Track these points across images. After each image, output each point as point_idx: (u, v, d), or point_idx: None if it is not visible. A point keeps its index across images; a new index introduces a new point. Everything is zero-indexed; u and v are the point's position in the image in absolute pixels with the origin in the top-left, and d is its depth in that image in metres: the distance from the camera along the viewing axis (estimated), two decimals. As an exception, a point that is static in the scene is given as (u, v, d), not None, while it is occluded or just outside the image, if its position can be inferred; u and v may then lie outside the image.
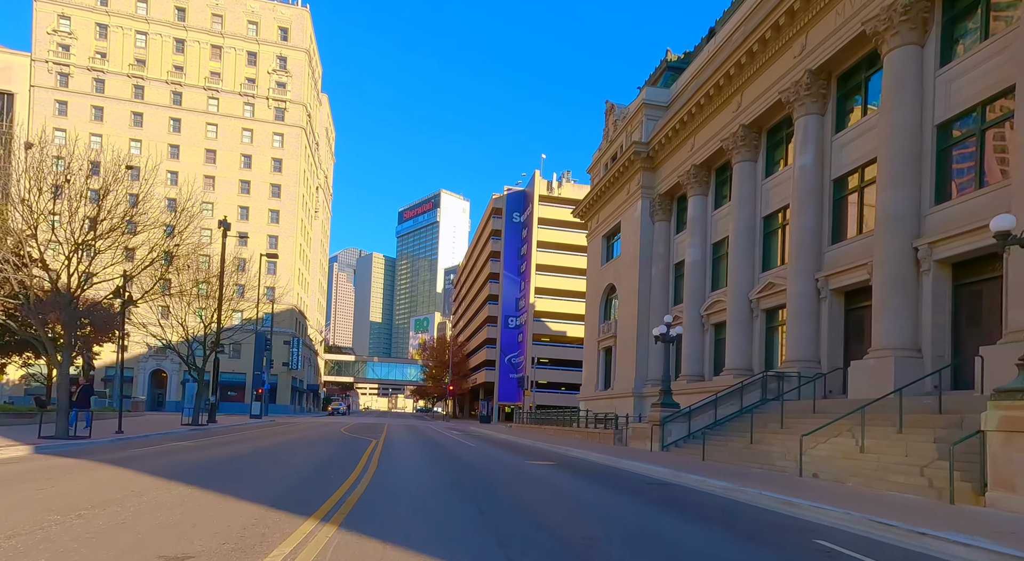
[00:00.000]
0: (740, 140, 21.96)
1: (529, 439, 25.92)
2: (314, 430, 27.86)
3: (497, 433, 33.33)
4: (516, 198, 74.35)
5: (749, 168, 22.09)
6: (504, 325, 73.46)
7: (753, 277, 21.90)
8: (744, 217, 22.03)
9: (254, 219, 66.36)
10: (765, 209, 21.59)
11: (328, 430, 27.92)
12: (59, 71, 62.86)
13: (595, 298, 38.48)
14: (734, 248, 22.41)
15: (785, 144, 21.01)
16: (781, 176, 20.74)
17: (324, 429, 29.03)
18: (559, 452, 18.54)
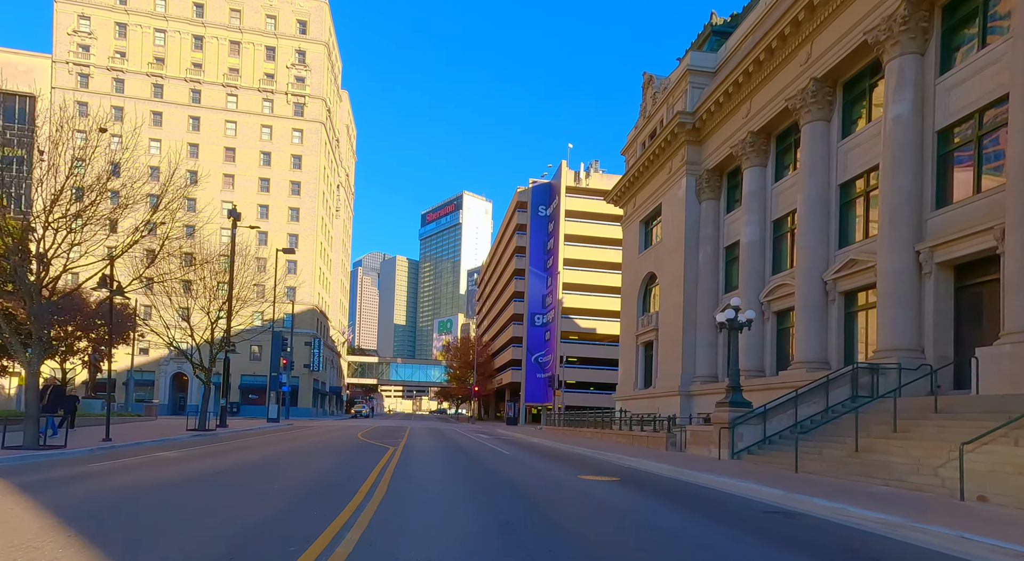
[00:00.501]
0: (811, 97, 18.94)
1: (567, 443, 23.17)
2: (328, 435, 25.52)
3: (528, 436, 30.66)
4: (542, 191, 71.62)
5: (821, 129, 19.04)
6: (530, 323, 70.74)
7: (827, 255, 18.85)
8: (815, 185, 18.99)
9: (274, 217, 64.84)
10: (842, 175, 18.53)
11: (344, 435, 25.55)
12: (79, 72, 62.15)
13: (632, 289, 35.56)
14: (803, 223, 19.37)
15: (868, 96, 17.94)
16: (864, 134, 17.68)
17: (340, 434, 26.67)
18: (611, 461, 15.75)
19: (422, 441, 22.25)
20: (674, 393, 27.92)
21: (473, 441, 24.49)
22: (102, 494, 7.80)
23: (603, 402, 67.09)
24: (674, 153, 28.41)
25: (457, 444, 21.53)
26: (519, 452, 18.51)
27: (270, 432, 27.75)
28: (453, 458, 14.89)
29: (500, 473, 11.59)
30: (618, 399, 36.95)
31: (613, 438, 26.09)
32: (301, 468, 11.67)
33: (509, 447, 21.15)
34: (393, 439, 22.80)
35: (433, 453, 16.19)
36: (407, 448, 17.37)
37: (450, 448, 18.81)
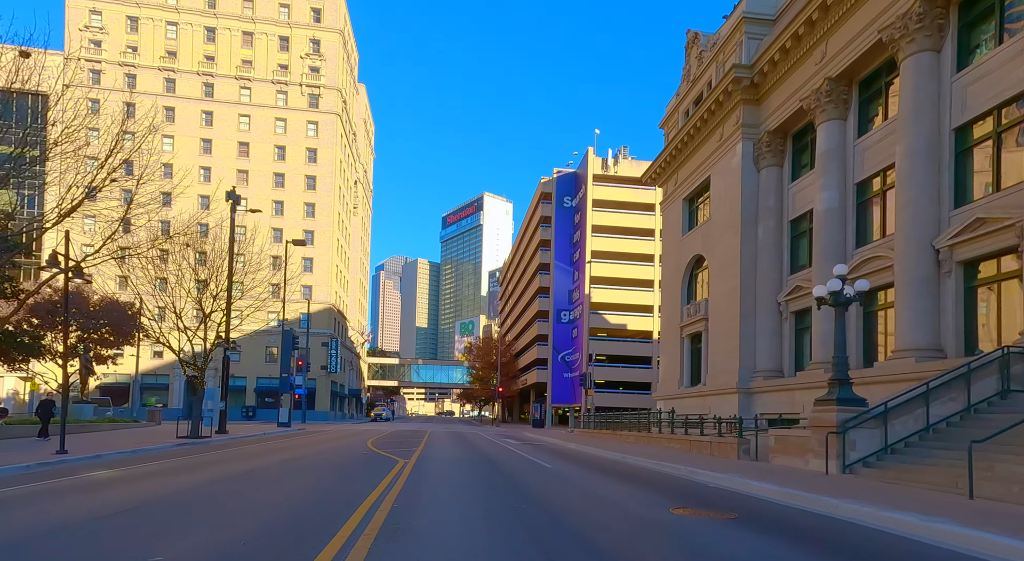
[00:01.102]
0: (914, 23, 15.33)
1: (613, 450, 19.76)
2: (335, 442, 22.51)
3: (562, 441, 27.31)
4: (567, 181, 68.19)
5: (929, 62, 15.41)
6: (556, 320, 67.33)
7: (939, 217, 15.21)
8: (922, 132, 15.36)
9: (289, 214, 62.51)
10: (958, 117, 14.88)
11: (353, 442, 22.50)
12: (91, 68, 60.53)
13: (674, 276, 32.02)
14: (905, 179, 15.73)
15: (997, 13, 14.29)
16: (990, 63, 14.05)
17: (349, 440, 23.63)
18: (686, 478, 12.30)
19: (441, 449, 19.04)
20: (730, 390, 24.34)
21: (501, 448, 21.24)
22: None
23: (635, 402, 63.40)
24: (726, 116, 24.84)
25: (483, 453, 18.26)
26: (563, 464, 15.16)
27: (272, 439, 24.86)
28: (480, 475, 11.54)
29: (551, 504, 8.15)
30: (659, 398, 33.44)
31: (663, 443, 22.63)
32: (275, 496, 8.52)
33: (546, 456, 17.82)
34: (407, 447, 19.64)
35: (454, 468, 12.81)
36: (422, 460, 14.13)
37: (475, 460, 15.49)
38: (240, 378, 60.54)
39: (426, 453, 16.64)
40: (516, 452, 19.23)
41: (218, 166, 61.37)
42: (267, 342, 61.09)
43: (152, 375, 59.38)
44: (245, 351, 60.89)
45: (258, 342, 60.75)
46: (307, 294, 61.68)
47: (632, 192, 62.98)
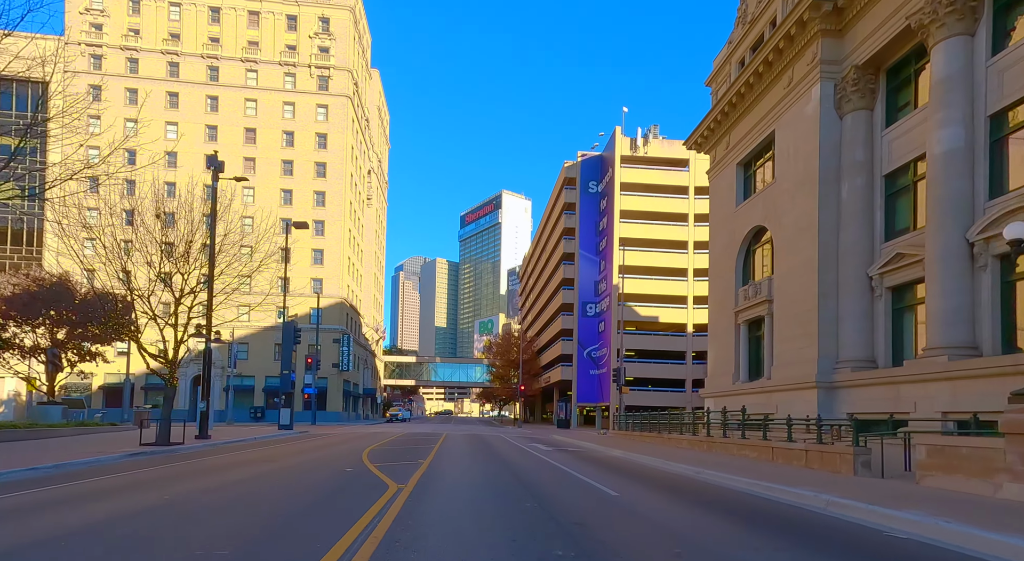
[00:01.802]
0: None
1: (673, 459, 15.68)
2: (327, 451, 18.77)
3: (602, 446, 23.30)
4: (592, 164, 64.02)
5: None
6: (582, 313, 63.24)
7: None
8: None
9: (298, 203, 59.28)
10: None
11: (347, 451, 18.73)
12: (92, 53, 57.95)
13: (726, 254, 27.80)
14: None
15: None
16: None
17: (344, 449, 19.86)
18: (835, 517, 8.19)
19: (456, 463, 15.12)
20: (805, 385, 20.10)
21: (534, 459, 17.28)
22: None
23: (667, 401, 59.04)
24: (798, 54, 20.57)
25: (512, 468, 14.24)
26: (628, 487, 11.07)
27: (258, 446, 21.24)
28: (518, 519, 7.20)
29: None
30: (709, 395, 29.22)
31: (731, 449, 18.50)
32: None
33: (596, 472, 13.80)
34: (413, 459, 15.77)
35: (472, 503, 8.48)
36: (424, 485, 10.02)
37: (504, 483, 11.07)
38: (248, 378, 57.52)
39: (434, 470, 12.62)
40: (554, 464, 15.26)
41: (224, 153, 57.91)
42: (276, 339, 57.85)
43: (155, 374, 56.34)
44: (253, 349, 57.87)
45: (267, 339, 57.69)
46: (317, 288, 58.41)
47: (664, 174, 58.64)
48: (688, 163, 58.47)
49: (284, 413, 33.68)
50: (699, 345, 58.51)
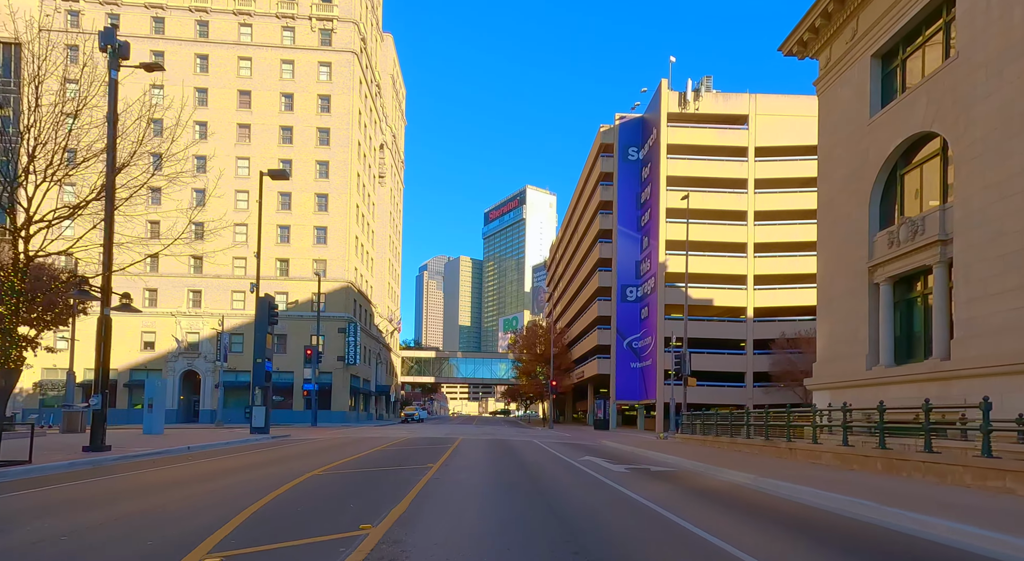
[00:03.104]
0: None
1: (837, 490, 7.68)
2: (277, 466, 11.25)
3: (690, 459, 15.30)
4: (632, 128, 55.82)
5: None
6: (620, 298, 55.12)
7: None
8: None
9: (298, 175, 52.32)
10: None
11: (294, 470, 11.30)
12: (69, 8, 51.81)
13: (848, 190, 19.64)
14: None
15: None
16: None
17: (294, 467, 12.42)
18: None
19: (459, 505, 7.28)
20: (1018, 367, 11.99)
21: (610, 498, 9.41)
22: None
23: (723, 397, 50.64)
24: None
25: (589, 535, 6.40)
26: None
27: (168, 464, 13.78)
28: None
29: None
30: (822, 387, 21.10)
31: (875, 465, 10.40)
32: None
33: (775, 537, 5.83)
34: (386, 491, 8.06)
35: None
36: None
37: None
38: (243, 373, 50.68)
39: (417, 513, 4.97)
40: (679, 525, 7.39)
41: (215, 120, 51.73)
42: (275, 329, 51.01)
43: (141, 370, 50.15)
44: (249, 340, 50.95)
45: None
46: (321, 272, 51.38)
47: (718, 133, 50.19)
48: (747, 120, 49.92)
49: (257, 413, 26.39)
50: (761, 332, 49.92)
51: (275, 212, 51.94)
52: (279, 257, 51.81)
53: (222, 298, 50.83)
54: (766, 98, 49.82)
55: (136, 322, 49.88)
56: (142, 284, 50.31)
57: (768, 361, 49.04)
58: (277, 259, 51.80)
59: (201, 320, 50.14)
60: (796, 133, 49.57)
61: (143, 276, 50.37)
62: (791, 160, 49.78)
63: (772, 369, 48.14)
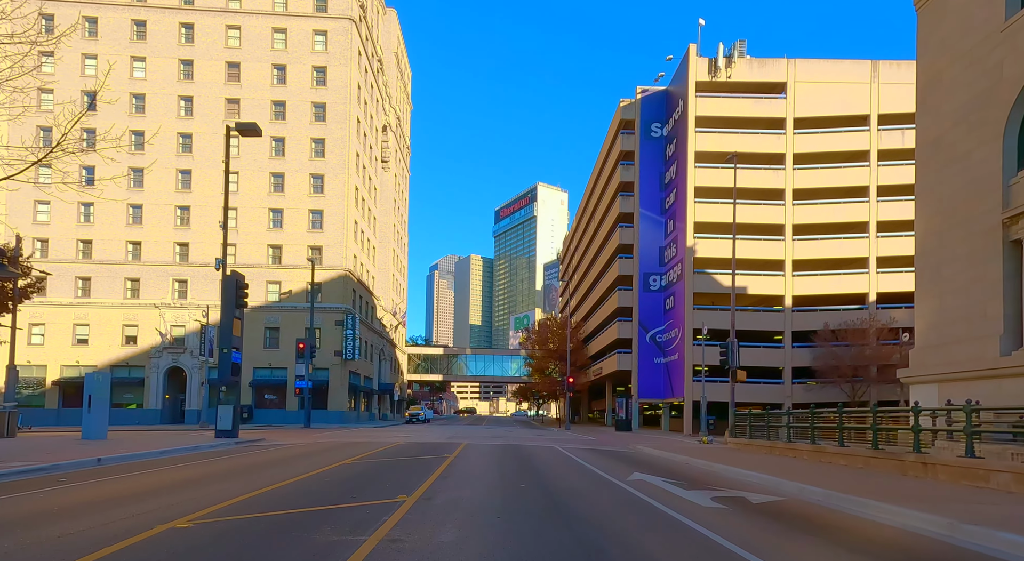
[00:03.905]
0: None
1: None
2: (157, 500, 6.59)
3: (802, 485, 10.69)
4: (656, 102, 51.06)
5: None
6: (643, 287, 50.40)
7: None
8: None
9: (292, 152, 48.13)
10: None
11: (197, 500, 6.56)
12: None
13: (972, 120, 14.97)
14: None
15: None
16: None
17: (216, 491, 7.83)
18: None
19: None
20: None
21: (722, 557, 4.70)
22: None
23: (758, 396, 45.83)
24: None
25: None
26: None
27: (43, 486, 9.31)
28: None
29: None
30: (925, 379, 16.44)
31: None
32: None
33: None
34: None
35: None
36: None
37: None
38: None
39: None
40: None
41: (202, 94, 47.65)
42: (269, 321, 47.03)
43: (123, 367, 46.14)
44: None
45: (256, 321, 46.67)
46: (316, 258, 47.16)
47: (752, 104, 45.34)
48: (785, 88, 44.98)
49: (222, 414, 22.05)
50: (801, 323, 44.99)
51: (267, 194, 47.79)
52: (271, 243, 47.64)
53: (210, 288, 46.70)
54: (806, 64, 44.85)
55: (117, 315, 45.98)
56: (123, 273, 46.43)
57: (809, 355, 44.10)
58: (269, 245, 47.64)
59: (187, 312, 46.04)
60: (839, 102, 44.60)
61: (125, 264, 46.53)
62: (834, 132, 44.80)
63: (814, 364, 43.19)
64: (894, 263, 44.79)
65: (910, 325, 44.39)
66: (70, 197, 46.40)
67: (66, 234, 46.36)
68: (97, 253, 46.62)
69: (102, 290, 46.37)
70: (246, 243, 47.37)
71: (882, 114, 44.28)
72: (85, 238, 46.65)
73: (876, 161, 44.37)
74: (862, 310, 44.35)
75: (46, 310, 45.59)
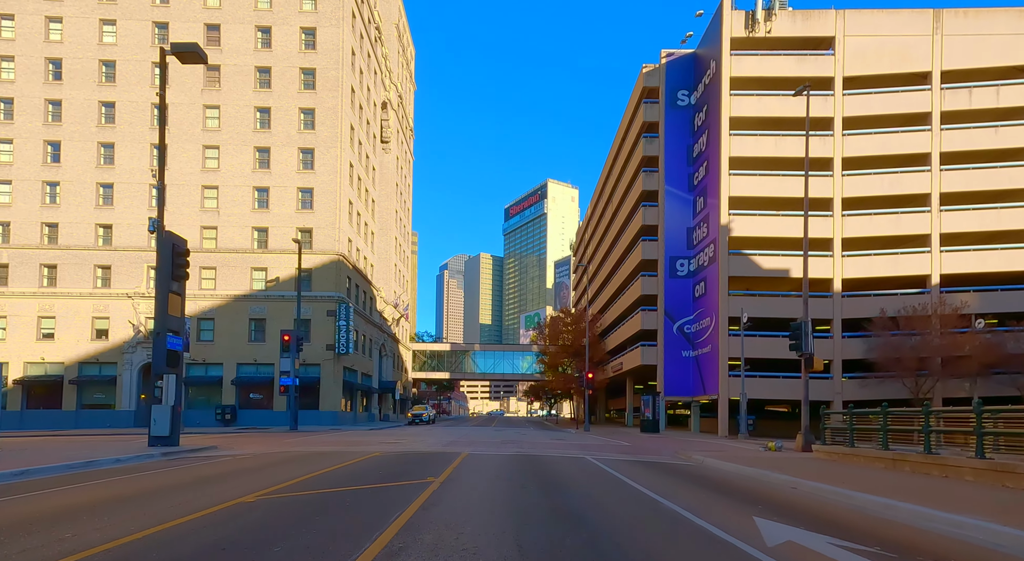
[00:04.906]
0: None
1: None
2: None
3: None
4: (683, 66, 45.79)
5: None
6: (669, 273, 45.19)
7: None
8: None
9: (278, 124, 43.37)
10: None
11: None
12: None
13: None
14: None
15: None
16: None
17: None
18: None
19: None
20: None
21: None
22: None
23: (799, 392, 40.56)
24: None
25: None
26: None
27: None
28: None
29: None
30: None
31: None
32: None
33: None
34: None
35: None
36: None
37: None
38: (215, 366, 42.00)
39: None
40: None
41: (178, 62, 42.77)
42: (254, 312, 42.28)
43: (93, 364, 41.58)
44: (220, 326, 42.33)
45: (239, 312, 42.10)
46: (307, 243, 42.44)
47: (796, 62, 40.03)
48: (832, 43, 39.59)
49: (159, 416, 17.27)
50: (852, 309, 39.57)
51: (251, 171, 43.05)
52: (256, 225, 42.88)
53: (189, 276, 41.97)
54: (856, 15, 39.42)
55: (86, 306, 41.42)
56: (93, 259, 41.85)
57: (862, 346, 38.66)
58: (254, 228, 42.89)
59: (164, 301, 41.30)
60: (896, 58, 39.13)
61: (94, 250, 41.95)
62: (890, 93, 39.33)
63: (870, 355, 37.73)
64: (960, 240, 39.29)
65: (984, 311, 39.08)
66: (33, 175, 41.99)
67: (29, 217, 41.87)
68: (64, 238, 42.07)
69: (70, 279, 41.83)
70: (228, 225, 42.66)
71: (946, 71, 38.75)
72: (51, 221, 42.12)
73: (939, 124, 38.84)
74: (922, 294, 38.85)
75: (7, 301, 41.16)
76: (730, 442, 28.39)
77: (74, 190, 42.07)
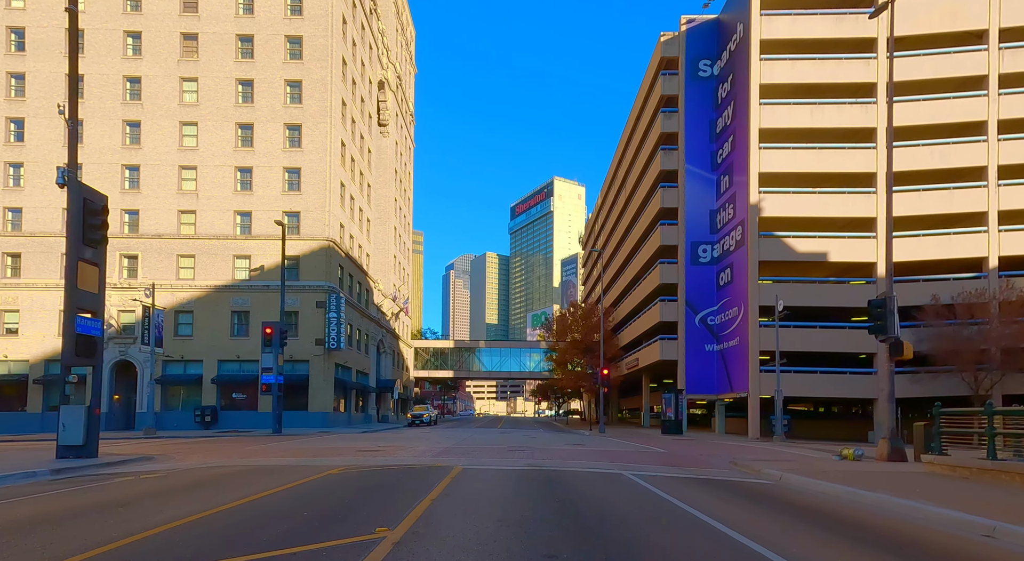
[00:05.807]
0: None
1: None
2: None
3: None
4: (704, 34, 41.71)
5: None
6: (690, 260, 41.15)
7: None
8: None
9: (262, 97, 39.63)
10: None
11: None
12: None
13: None
14: None
15: None
16: None
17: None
18: None
19: None
20: None
21: None
22: None
23: (841, 388, 36.49)
24: None
25: None
26: None
27: None
28: None
29: None
30: None
31: None
32: None
33: None
34: None
35: None
36: None
37: None
38: (194, 363, 38.33)
39: None
40: None
41: (152, 30, 39.29)
42: (236, 303, 38.58)
43: (59, 361, 37.75)
44: (200, 320, 38.60)
45: (220, 304, 38.40)
46: (293, 227, 38.74)
47: (835, 22, 35.94)
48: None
49: (70, 420, 13.54)
50: (900, 297, 35.22)
51: (233, 150, 39.35)
52: (238, 209, 39.18)
53: (165, 265, 38.48)
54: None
55: (53, 298, 37.76)
56: (60, 247, 38.21)
57: (911, 337, 34.48)
58: (236, 212, 39.18)
59: (138, 293, 37.71)
60: (948, 15, 35.00)
61: (61, 237, 38.27)
62: (941, 54, 35.19)
63: (921, 347, 33.57)
64: (1021, 218, 35.07)
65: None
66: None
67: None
68: (28, 224, 38.52)
69: (35, 268, 38.27)
70: (208, 209, 38.97)
71: (1004, 29, 34.57)
72: (14, 206, 38.56)
73: (996, 89, 34.64)
74: (978, 279, 34.71)
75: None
76: (771, 445, 24.41)
77: (39, 171, 38.49)
